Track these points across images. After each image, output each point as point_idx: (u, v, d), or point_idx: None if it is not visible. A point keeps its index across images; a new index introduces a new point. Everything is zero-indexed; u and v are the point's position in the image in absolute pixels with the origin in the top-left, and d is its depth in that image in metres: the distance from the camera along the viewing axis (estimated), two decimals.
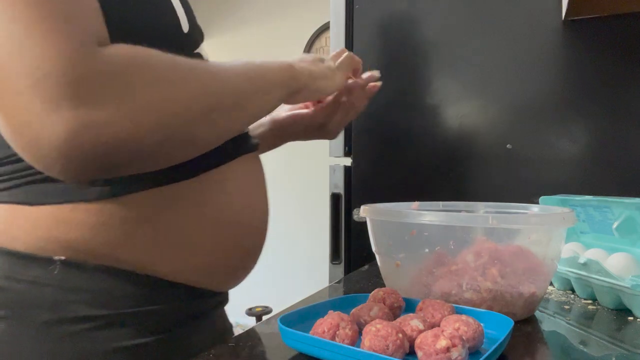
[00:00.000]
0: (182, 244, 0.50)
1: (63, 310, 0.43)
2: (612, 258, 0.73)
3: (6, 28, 0.32)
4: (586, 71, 1.17)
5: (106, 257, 0.45)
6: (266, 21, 3.41)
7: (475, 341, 0.48)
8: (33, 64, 0.31)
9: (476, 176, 1.26)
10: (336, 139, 1.43)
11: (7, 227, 0.44)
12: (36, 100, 0.32)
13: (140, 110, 0.36)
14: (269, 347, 0.55)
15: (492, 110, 1.26)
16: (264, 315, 2.83)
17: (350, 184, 1.41)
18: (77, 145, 0.33)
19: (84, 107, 0.33)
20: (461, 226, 0.61)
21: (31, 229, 0.43)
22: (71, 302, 0.43)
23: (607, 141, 1.15)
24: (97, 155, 0.35)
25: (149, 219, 0.47)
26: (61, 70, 0.32)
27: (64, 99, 0.32)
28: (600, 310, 0.68)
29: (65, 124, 0.33)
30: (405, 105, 1.36)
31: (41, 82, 0.32)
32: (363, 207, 0.73)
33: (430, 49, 1.34)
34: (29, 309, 0.42)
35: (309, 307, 0.58)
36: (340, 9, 1.43)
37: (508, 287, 0.60)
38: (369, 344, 0.45)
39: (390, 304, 0.58)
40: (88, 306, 0.44)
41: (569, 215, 0.62)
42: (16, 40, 0.31)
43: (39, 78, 0.32)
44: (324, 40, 3.21)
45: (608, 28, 1.15)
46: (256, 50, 3.43)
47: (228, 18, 3.52)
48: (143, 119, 0.36)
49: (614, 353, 0.52)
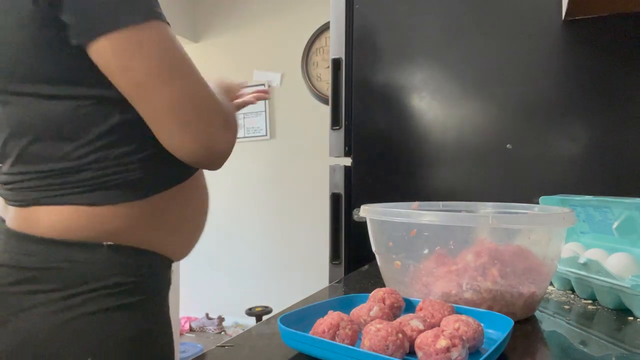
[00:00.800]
0: (179, 227, 0.71)
1: (105, 280, 0.61)
2: (612, 258, 0.73)
3: (203, 86, 0.63)
4: (586, 71, 1.17)
5: (135, 240, 0.65)
6: (266, 21, 3.42)
7: (475, 341, 0.48)
8: (219, 110, 0.64)
9: (476, 176, 1.27)
10: (336, 139, 1.43)
11: (68, 223, 0.62)
12: (219, 129, 0.64)
13: (234, 137, 0.69)
14: (269, 347, 0.55)
15: (492, 110, 1.26)
16: (264, 315, 2.83)
17: (350, 184, 1.41)
18: (230, 151, 0.66)
19: (231, 132, 0.66)
20: (461, 226, 0.61)
21: (86, 223, 0.62)
22: (110, 274, 0.62)
23: (607, 141, 1.15)
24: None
25: (163, 210, 0.68)
26: (224, 117, 0.65)
27: (227, 129, 0.65)
28: (600, 310, 0.68)
29: (229, 141, 0.66)
30: (405, 106, 1.36)
31: (221, 120, 0.64)
32: (363, 207, 0.73)
33: (430, 49, 1.34)
34: (81, 280, 0.61)
35: (309, 307, 0.58)
36: (340, 9, 1.43)
37: (508, 287, 0.60)
38: (369, 344, 0.45)
39: (390, 304, 0.58)
40: (120, 275, 0.62)
41: (569, 215, 0.62)
42: (210, 95, 0.63)
43: (219, 117, 0.64)
44: (324, 40, 3.21)
45: (608, 28, 1.15)
46: (256, 50, 3.43)
47: (228, 18, 3.52)
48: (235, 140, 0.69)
49: (614, 353, 0.52)
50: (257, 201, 3.42)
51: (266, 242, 3.39)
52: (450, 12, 1.31)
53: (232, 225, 3.46)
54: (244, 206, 3.45)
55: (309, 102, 3.26)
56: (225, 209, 3.42)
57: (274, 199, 3.38)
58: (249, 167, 3.41)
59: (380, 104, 1.38)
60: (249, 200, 3.44)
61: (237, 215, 3.46)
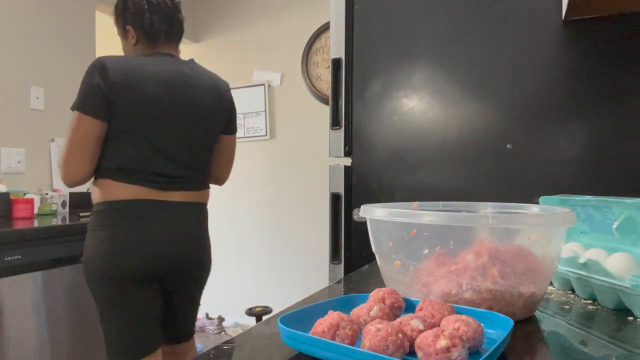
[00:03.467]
0: None
1: None
2: (612, 258, 0.73)
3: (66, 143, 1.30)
4: (586, 71, 1.17)
5: None
6: (266, 21, 3.42)
7: (475, 341, 0.48)
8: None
9: (476, 176, 1.26)
10: (336, 139, 1.43)
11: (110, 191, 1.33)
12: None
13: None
14: (269, 347, 0.55)
15: (492, 110, 1.26)
16: (264, 315, 2.83)
17: (350, 184, 1.41)
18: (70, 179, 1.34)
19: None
20: (461, 226, 0.61)
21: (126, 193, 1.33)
22: None
23: (607, 141, 1.15)
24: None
25: None
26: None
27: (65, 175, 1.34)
28: (600, 310, 0.68)
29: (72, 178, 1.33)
30: (405, 106, 1.36)
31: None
32: (363, 207, 0.73)
33: (430, 48, 1.34)
34: (111, 223, 1.31)
35: (309, 307, 0.58)
36: (340, 9, 1.43)
37: (508, 287, 0.60)
38: (369, 344, 0.45)
39: (390, 304, 0.58)
40: None
41: (569, 215, 0.62)
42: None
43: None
44: (324, 40, 3.20)
45: (608, 28, 1.15)
46: (256, 50, 3.43)
47: (228, 18, 3.52)
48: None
49: (614, 353, 0.52)
50: (257, 201, 3.42)
51: (266, 242, 3.39)
52: (450, 12, 1.31)
53: (231, 225, 3.46)
54: (244, 206, 3.45)
55: (309, 102, 3.26)
56: (225, 209, 3.42)
57: (274, 199, 3.38)
58: (249, 167, 3.41)
59: (380, 104, 1.38)
60: (249, 200, 3.44)
61: (236, 215, 3.46)
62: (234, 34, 3.52)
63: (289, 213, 3.33)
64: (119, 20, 1.44)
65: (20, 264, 1.64)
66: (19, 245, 1.64)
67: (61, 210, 2.29)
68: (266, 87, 3.39)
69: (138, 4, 1.40)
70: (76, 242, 1.83)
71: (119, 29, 1.45)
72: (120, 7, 1.44)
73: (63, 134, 2.49)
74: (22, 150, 2.31)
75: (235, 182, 3.39)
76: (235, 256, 3.45)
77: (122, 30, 1.44)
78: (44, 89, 2.41)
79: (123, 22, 1.43)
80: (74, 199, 2.42)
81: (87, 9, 2.68)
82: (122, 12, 1.43)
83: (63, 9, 2.53)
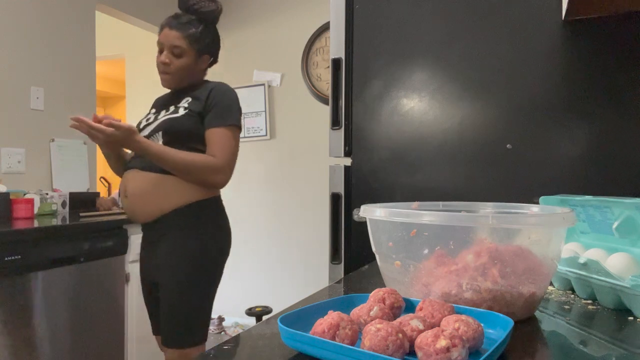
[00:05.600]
0: None
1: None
2: (612, 258, 0.73)
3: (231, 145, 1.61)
4: (586, 71, 1.17)
5: None
6: (266, 21, 3.42)
7: (475, 341, 0.48)
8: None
9: (476, 176, 1.26)
10: (336, 139, 1.43)
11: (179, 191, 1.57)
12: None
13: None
14: (269, 347, 0.55)
15: (492, 110, 1.26)
16: (264, 315, 2.83)
17: (350, 184, 1.41)
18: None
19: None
20: (461, 226, 0.61)
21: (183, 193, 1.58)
22: None
23: (607, 141, 1.15)
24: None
25: None
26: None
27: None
28: (600, 310, 0.68)
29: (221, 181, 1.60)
30: (405, 105, 1.36)
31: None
32: (363, 207, 0.73)
33: (430, 48, 1.34)
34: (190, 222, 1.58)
35: (309, 307, 0.58)
36: (340, 9, 1.43)
37: (508, 287, 0.60)
38: (369, 344, 0.45)
39: (390, 304, 0.58)
40: None
41: (569, 215, 0.62)
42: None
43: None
44: (324, 40, 3.21)
45: (608, 28, 1.15)
46: (256, 50, 3.43)
47: (228, 18, 3.52)
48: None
49: (614, 353, 0.52)
50: (257, 201, 3.42)
51: (266, 242, 3.39)
52: (450, 12, 1.31)
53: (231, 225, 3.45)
54: (244, 206, 3.45)
55: (309, 102, 3.26)
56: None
57: (274, 198, 3.38)
58: (249, 167, 3.41)
59: (380, 104, 1.38)
60: (249, 200, 3.44)
61: (237, 215, 3.45)
62: (234, 33, 3.52)
63: (288, 213, 3.33)
64: (201, 49, 1.55)
65: (20, 264, 1.64)
66: (19, 245, 1.64)
67: (61, 210, 2.29)
68: (266, 87, 3.39)
69: (220, 44, 1.65)
70: (76, 242, 1.83)
71: (193, 51, 1.53)
72: (208, 41, 1.58)
73: (63, 134, 2.49)
74: (22, 150, 2.31)
75: (235, 182, 3.39)
76: (236, 256, 3.45)
77: (195, 54, 1.54)
78: (44, 89, 2.41)
79: (206, 52, 1.58)
80: (73, 199, 2.42)
81: (87, 9, 2.69)
82: (209, 45, 1.58)
83: (63, 9, 2.53)
